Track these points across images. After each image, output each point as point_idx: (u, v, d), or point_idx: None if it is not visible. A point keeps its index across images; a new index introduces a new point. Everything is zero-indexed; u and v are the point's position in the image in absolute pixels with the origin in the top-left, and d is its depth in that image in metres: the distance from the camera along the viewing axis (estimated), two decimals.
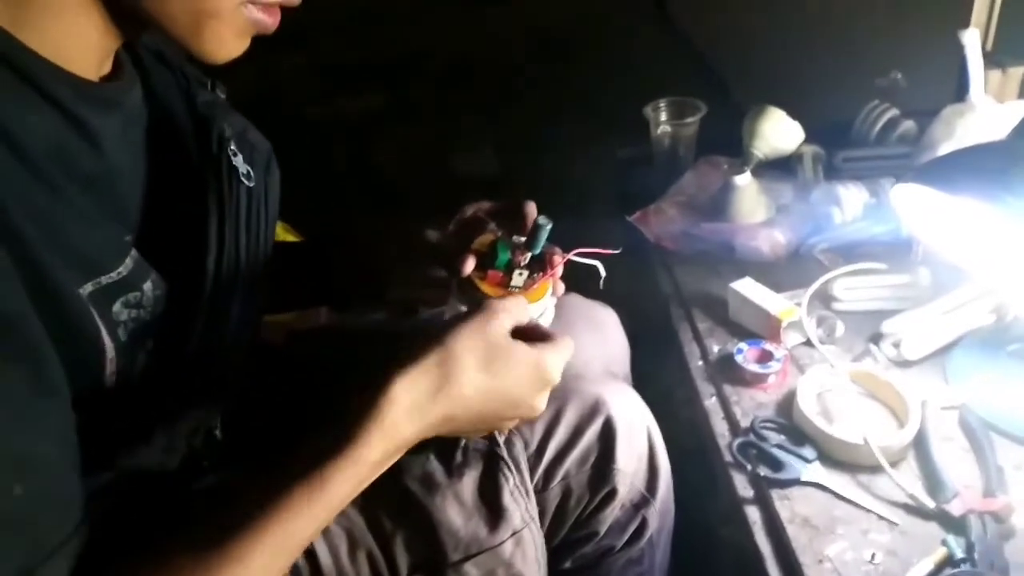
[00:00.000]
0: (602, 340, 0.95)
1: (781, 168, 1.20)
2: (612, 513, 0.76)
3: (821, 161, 1.19)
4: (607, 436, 0.74)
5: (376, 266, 0.81)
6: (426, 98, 2.76)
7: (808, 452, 0.79)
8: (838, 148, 1.20)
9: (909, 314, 0.91)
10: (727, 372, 0.92)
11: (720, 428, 0.87)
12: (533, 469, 0.73)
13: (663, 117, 1.27)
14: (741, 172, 1.12)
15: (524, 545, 0.69)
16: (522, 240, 0.68)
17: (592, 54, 2.87)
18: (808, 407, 0.82)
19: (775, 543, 0.75)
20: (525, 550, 0.69)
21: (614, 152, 1.42)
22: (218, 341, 0.63)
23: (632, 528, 0.78)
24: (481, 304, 0.60)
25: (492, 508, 0.68)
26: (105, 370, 0.54)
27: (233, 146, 0.65)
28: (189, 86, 0.66)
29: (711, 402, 0.90)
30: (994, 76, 1.18)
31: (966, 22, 1.22)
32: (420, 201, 2.13)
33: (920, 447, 0.79)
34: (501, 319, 0.58)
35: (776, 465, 0.79)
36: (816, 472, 0.78)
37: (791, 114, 1.19)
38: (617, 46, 2.89)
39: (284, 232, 1.42)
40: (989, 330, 0.90)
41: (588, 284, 0.77)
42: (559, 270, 0.68)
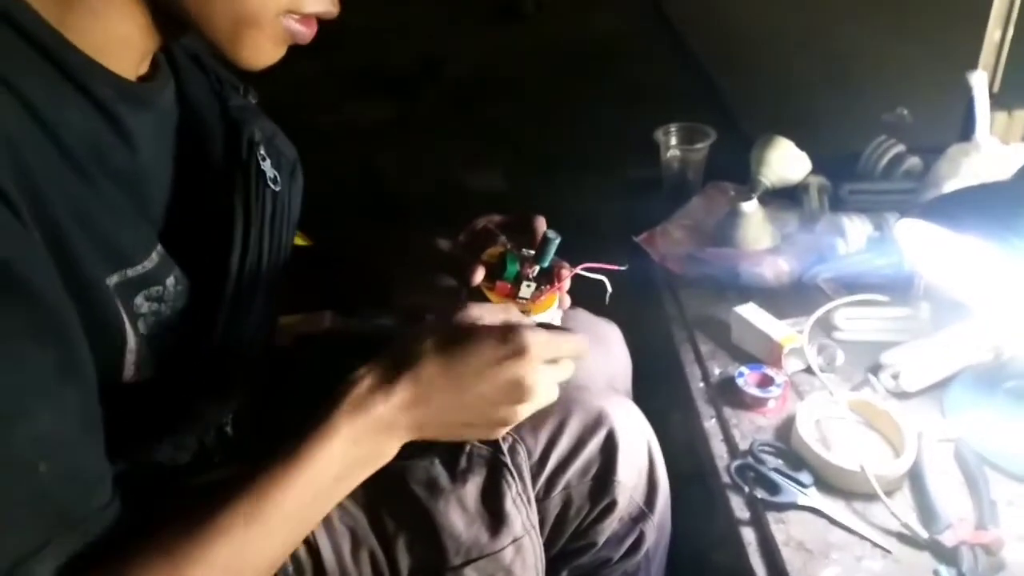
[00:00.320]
0: (605, 355, 0.96)
1: (787, 197, 1.22)
2: (611, 525, 0.77)
3: (827, 192, 1.21)
4: (609, 449, 0.76)
5: (385, 272, 0.82)
6: (437, 111, 2.79)
7: (805, 477, 0.80)
8: (844, 180, 1.22)
9: (908, 346, 0.93)
10: (727, 395, 0.93)
11: (719, 450, 0.88)
12: (535, 478, 0.74)
13: (673, 141, 1.29)
14: (748, 199, 1.14)
15: (524, 552, 0.70)
16: (531, 253, 0.70)
17: (605, 76, 2.91)
18: (807, 433, 0.83)
19: (769, 565, 0.75)
20: (525, 557, 0.70)
21: (623, 173, 1.44)
22: (236, 339, 0.65)
23: (630, 541, 0.79)
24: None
25: (494, 514, 0.69)
26: (125, 360, 0.56)
27: (262, 151, 0.66)
28: (222, 90, 0.68)
29: (711, 423, 0.91)
30: (1000, 118, 1.20)
31: (974, 64, 1.25)
32: (426, 212, 2.15)
33: (915, 478, 0.80)
34: (469, 308, 0.59)
35: (773, 488, 0.80)
36: (812, 497, 0.79)
37: (799, 145, 1.21)
38: (630, 69, 2.92)
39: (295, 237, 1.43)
40: (987, 366, 0.91)
41: (593, 300, 0.79)
42: (566, 283, 0.70)
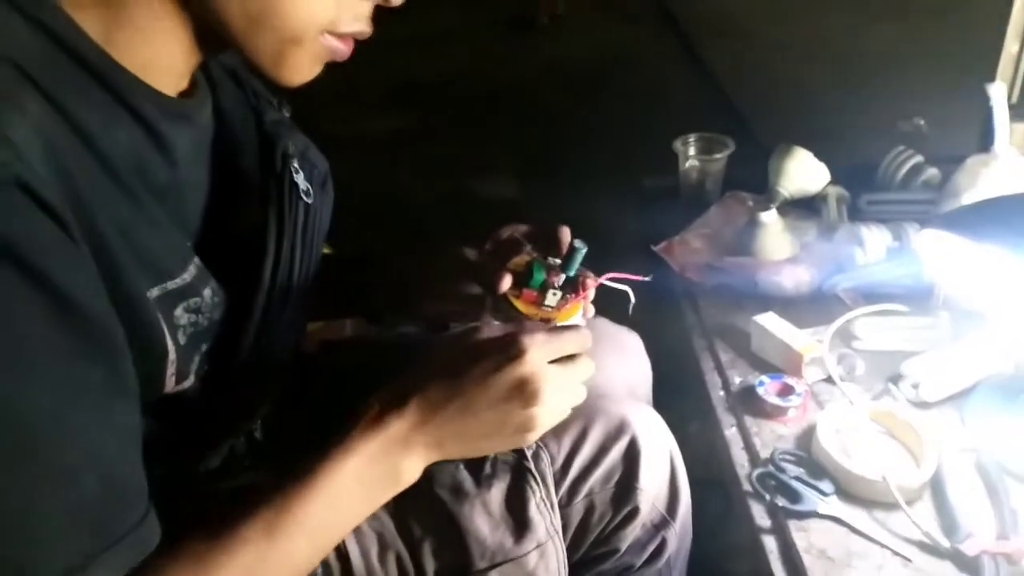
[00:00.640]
0: (625, 364, 0.97)
1: (806, 207, 1.23)
2: (633, 532, 0.77)
3: (846, 202, 1.21)
4: (631, 456, 0.76)
5: (410, 280, 0.83)
6: (451, 122, 2.81)
7: (826, 486, 0.81)
8: (863, 191, 1.22)
9: (928, 356, 0.93)
10: (748, 403, 0.93)
11: (740, 458, 0.88)
12: (558, 484, 0.74)
13: (692, 151, 1.30)
14: (767, 209, 1.15)
15: (547, 557, 0.70)
16: (557, 262, 0.71)
17: (619, 87, 2.92)
18: (828, 442, 0.83)
19: (791, 573, 0.76)
20: (548, 562, 0.70)
21: (638, 182, 1.45)
22: (267, 348, 0.66)
23: (652, 548, 0.80)
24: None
25: (518, 519, 0.70)
26: (166, 371, 0.57)
27: (295, 164, 0.68)
28: (258, 104, 0.69)
29: (731, 432, 0.92)
30: (1018, 129, 1.20)
31: (992, 75, 1.25)
32: (442, 223, 2.16)
33: (936, 487, 0.81)
34: (477, 330, 0.63)
35: (794, 497, 0.80)
36: (833, 506, 0.79)
37: (816, 155, 1.22)
38: (644, 80, 2.94)
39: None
40: (1007, 376, 0.92)
41: (614, 309, 0.80)
42: (591, 293, 0.71)
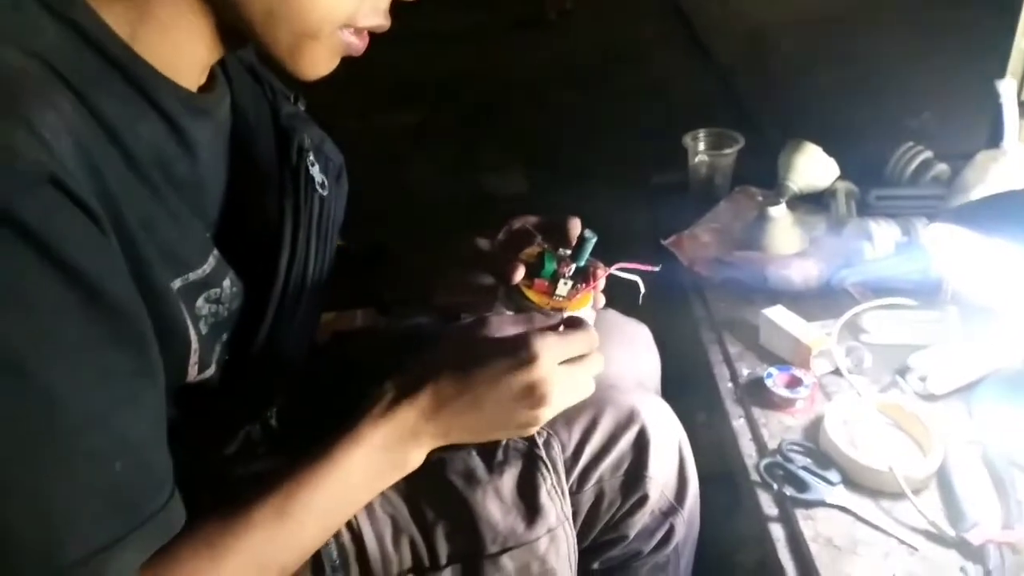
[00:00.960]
0: (635, 355, 0.98)
1: (814, 202, 1.23)
2: (642, 519, 0.78)
3: (854, 197, 1.22)
4: (641, 445, 0.77)
5: (422, 271, 0.85)
6: (460, 119, 2.82)
7: (833, 475, 0.82)
8: (871, 186, 1.22)
9: (936, 349, 0.94)
10: (756, 395, 0.94)
11: (748, 448, 0.89)
12: (569, 471, 0.75)
13: (701, 147, 1.30)
14: (776, 204, 1.15)
15: (558, 543, 0.71)
16: (567, 253, 0.72)
17: (628, 82, 2.93)
18: (835, 433, 0.84)
19: (798, 561, 0.77)
20: (559, 547, 0.71)
21: (647, 177, 1.46)
22: (283, 337, 0.67)
23: (660, 535, 0.81)
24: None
25: (530, 505, 0.71)
26: (189, 361, 0.59)
27: (311, 157, 0.69)
28: (274, 98, 0.70)
29: (739, 423, 0.93)
30: None
31: (1001, 72, 1.25)
32: (451, 218, 2.17)
33: (943, 478, 0.81)
34: (488, 323, 0.65)
35: (801, 486, 0.81)
36: (840, 495, 0.80)
37: (825, 150, 1.22)
38: (652, 76, 2.94)
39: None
40: (1015, 370, 0.92)
41: (623, 301, 0.81)
42: (601, 283, 0.72)
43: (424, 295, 0.85)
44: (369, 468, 0.61)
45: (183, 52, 0.57)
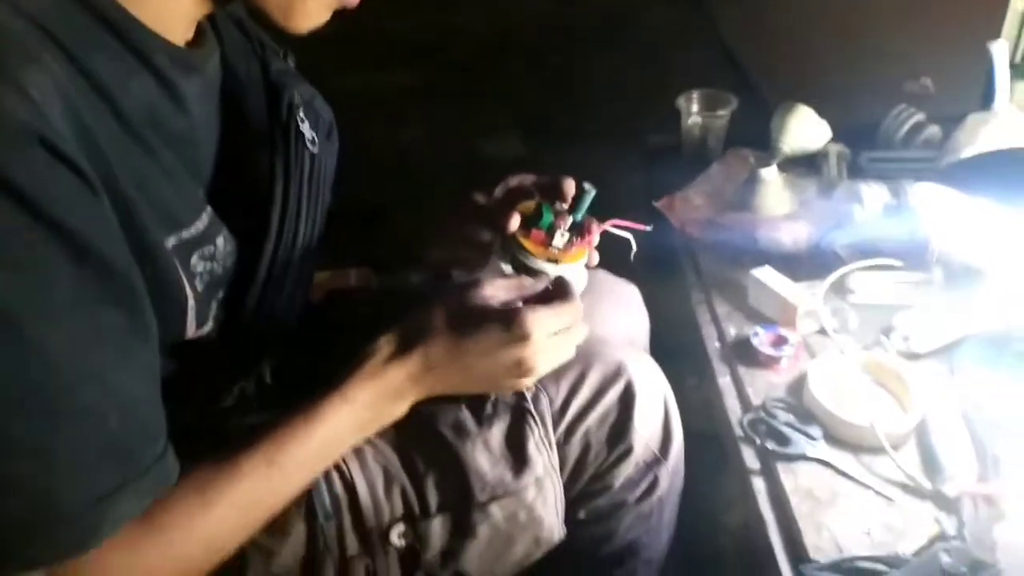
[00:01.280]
0: (624, 314, 1.00)
1: (806, 165, 1.24)
2: (626, 470, 0.80)
3: (846, 160, 1.22)
4: (627, 399, 0.79)
5: (418, 227, 0.86)
6: (455, 79, 2.79)
7: (815, 431, 0.84)
8: (863, 148, 1.23)
9: (920, 310, 0.95)
10: (742, 354, 0.96)
11: (732, 405, 0.91)
12: (556, 424, 0.77)
13: (695, 108, 1.30)
14: (768, 166, 1.16)
15: (545, 492, 0.74)
16: (564, 207, 0.73)
17: (625, 43, 2.90)
18: (818, 389, 0.86)
19: (778, 512, 0.79)
20: (546, 496, 0.74)
21: (642, 139, 1.46)
22: (276, 294, 0.69)
23: (644, 485, 0.83)
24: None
25: (517, 456, 0.73)
26: (186, 317, 0.60)
27: (301, 113, 0.69)
28: (264, 54, 0.71)
29: (725, 381, 0.95)
30: (1021, 87, 1.20)
31: (997, 34, 1.25)
32: (445, 178, 2.17)
33: (921, 434, 0.83)
34: (482, 287, 0.67)
35: (783, 441, 0.83)
36: (821, 450, 0.82)
37: (820, 112, 1.23)
38: (650, 36, 2.91)
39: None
40: (997, 329, 0.94)
41: (614, 262, 0.82)
42: (596, 237, 0.73)
43: (420, 252, 0.86)
44: (354, 424, 0.64)
45: (172, 7, 0.57)
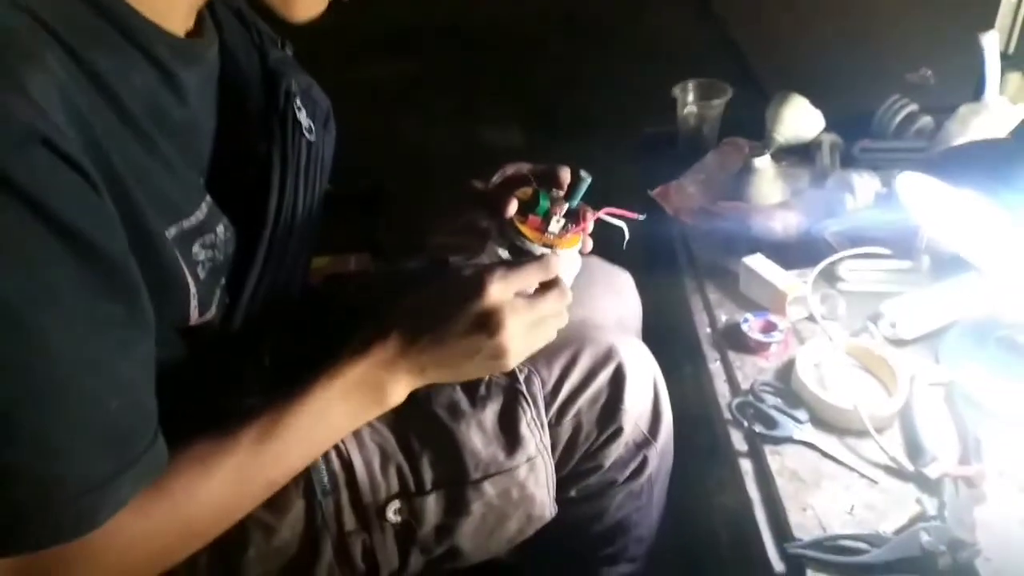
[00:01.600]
0: (618, 300, 1.02)
1: (800, 154, 1.25)
2: (616, 450, 0.83)
3: (839, 150, 1.24)
4: (617, 381, 0.81)
5: (417, 214, 0.87)
6: (455, 69, 2.80)
7: (801, 414, 0.86)
8: (857, 138, 1.24)
9: (908, 297, 0.97)
10: (732, 340, 0.98)
11: (722, 389, 0.93)
12: (548, 405, 0.79)
13: (690, 97, 1.32)
14: (761, 155, 1.18)
15: (537, 471, 0.76)
16: (560, 194, 0.75)
17: (623, 32, 2.90)
18: (805, 374, 0.88)
19: (764, 492, 0.81)
20: (537, 475, 0.76)
21: (640, 129, 1.48)
22: (274, 279, 0.70)
23: (634, 465, 0.85)
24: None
25: (510, 436, 0.75)
26: (189, 305, 0.61)
27: (298, 101, 0.71)
28: (262, 43, 0.72)
29: (715, 365, 0.97)
30: (1013, 78, 1.22)
31: (991, 25, 1.26)
32: (444, 168, 2.18)
33: (905, 417, 0.85)
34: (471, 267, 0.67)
35: (770, 423, 0.85)
36: (807, 432, 0.84)
37: (816, 102, 1.24)
38: (648, 26, 2.92)
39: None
40: (982, 316, 0.96)
41: (608, 248, 0.84)
42: (590, 224, 0.75)
43: (418, 238, 0.88)
44: (347, 400, 0.65)
45: None
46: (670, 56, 2.58)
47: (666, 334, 1.08)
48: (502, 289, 0.64)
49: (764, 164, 1.17)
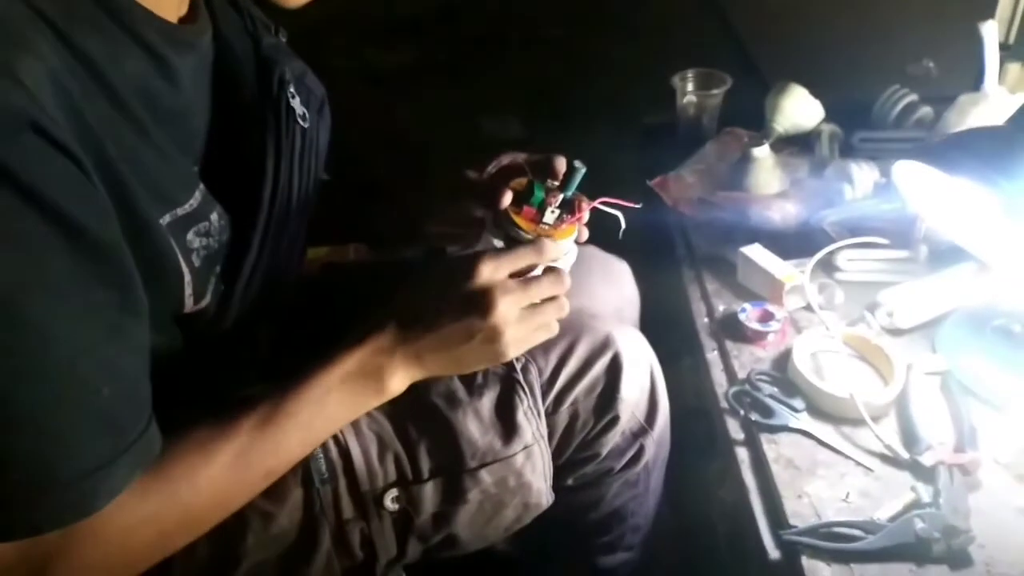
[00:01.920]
0: (616, 289, 1.02)
1: (799, 144, 1.25)
2: (613, 438, 0.83)
3: (838, 139, 1.24)
4: (614, 370, 0.81)
5: (413, 204, 0.87)
6: (455, 57, 2.79)
7: (798, 403, 0.86)
8: (856, 128, 1.24)
9: (905, 286, 0.97)
10: (730, 329, 0.98)
11: (719, 378, 0.94)
12: (545, 394, 0.80)
13: (690, 87, 1.32)
14: (760, 145, 1.18)
15: (533, 459, 0.76)
16: (555, 184, 0.75)
17: (623, 21, 2.89)
18: (802, 363, 0.89)
19: (760, 479, 0.82)
20: (534, 463, 0.76)
21: (639, 119, 1.47)
22: (269, 267, 0.70)
23: (630, 453, 0.85)
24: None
25: (507, 424, 0.76)
26: (184, 292, 0.61)
27: (292, 89, 0.70)
28: (255, 29, 0.71)
29: (712, 355, 0.97)
30: (1013, 68, 1.22)
31: (992, 15, 1.25)
32: (442, 157, 2.18)
33: (901, 406, 0.86)
34: (475, 263, 0.67)
35: (767, 412, 0.86)
36: (803, 421, 0.85)
37: (814, 93, 1.24)
38: (649, 15, 2.90)
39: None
40: (979, 305, 0.96)
41: (606, 238, 0.84)
42: (585, 215, 0.75)
43: (414, 226, 0.88)
44: (346, 389, 0.65)
45: None
46: (669, 45, 2.57)
47: (664, 323, 1.08)
48: (493, 269, 0.64)
49: (763, 154, 1.17)
